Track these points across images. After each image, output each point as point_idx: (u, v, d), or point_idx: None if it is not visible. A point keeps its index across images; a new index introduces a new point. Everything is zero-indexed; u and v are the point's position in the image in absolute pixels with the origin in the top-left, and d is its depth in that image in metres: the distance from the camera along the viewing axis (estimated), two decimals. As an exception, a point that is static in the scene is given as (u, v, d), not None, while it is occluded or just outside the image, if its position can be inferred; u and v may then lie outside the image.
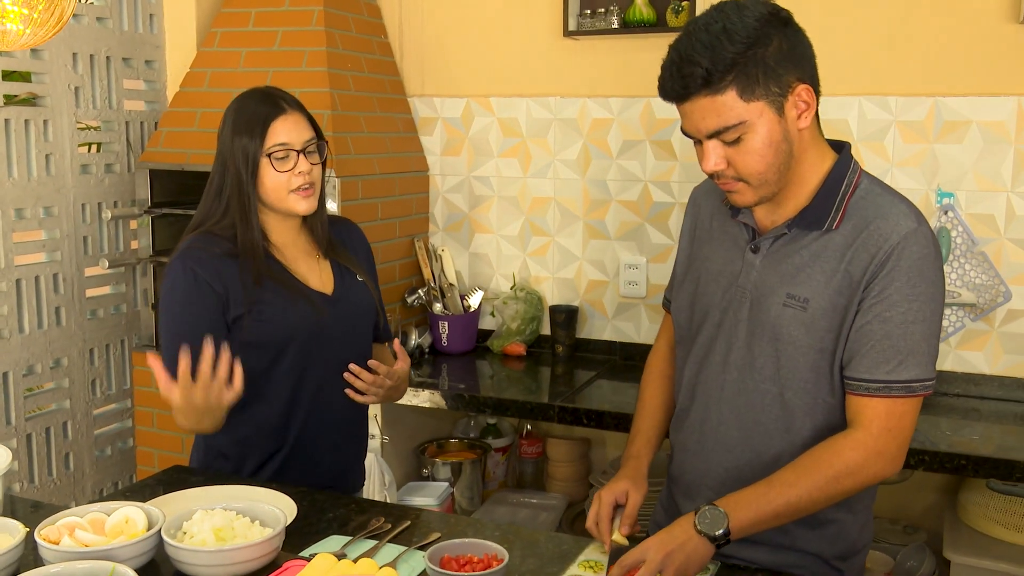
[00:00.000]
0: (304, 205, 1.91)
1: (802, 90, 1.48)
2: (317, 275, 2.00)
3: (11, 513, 1.68)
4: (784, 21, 1.48)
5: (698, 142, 1.52)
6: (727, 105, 1.44)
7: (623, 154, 3.10)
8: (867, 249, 1.49)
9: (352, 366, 1.93)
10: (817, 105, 1.53)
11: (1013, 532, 2.43)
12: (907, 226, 1.48)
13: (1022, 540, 2.42)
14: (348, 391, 1.96)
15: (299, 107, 1.94)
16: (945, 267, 2.69)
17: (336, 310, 1.98)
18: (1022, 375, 2.71)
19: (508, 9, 3.19)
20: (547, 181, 3.22)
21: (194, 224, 1.96)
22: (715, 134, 1.47)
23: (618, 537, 1.61)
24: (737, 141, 1.47)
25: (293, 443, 1.98)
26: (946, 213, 2.71)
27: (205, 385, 1.69)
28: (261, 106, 1.89)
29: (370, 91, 3.14)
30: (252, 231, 1.91)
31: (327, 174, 2.75)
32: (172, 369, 1.83)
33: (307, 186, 1.90)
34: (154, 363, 1.71)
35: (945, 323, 2.74)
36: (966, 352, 2.76)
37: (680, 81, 1.45)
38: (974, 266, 2.70)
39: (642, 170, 3.08)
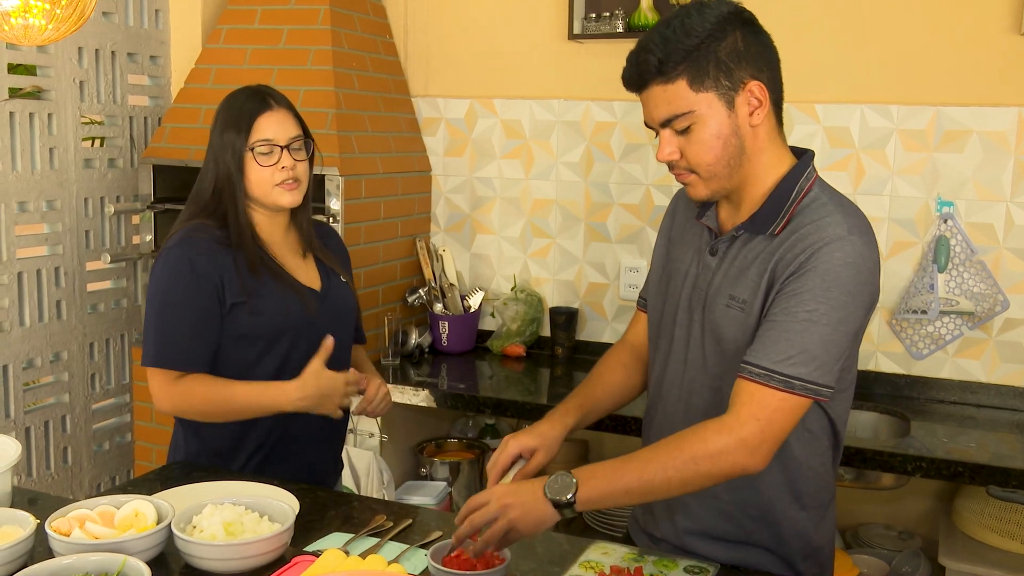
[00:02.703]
0: (287, 198, 1.94)
1: (754, 86, 1.51)
2: (304, 271, 2.04)
3: (8, 506, 1.68)
4: (744, 21, 1.52)
5: (657, 133, 1.57)
6: (678, 94, 1.50)
7: (625, 157, 3.12)
8: (792, 251, 1.50)
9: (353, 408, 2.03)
10: (777, 107, 1.55)
11: (1008, 539, 2.45)
12: (834, 234, 1.48)
13: (1017, 547, 2.44)
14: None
15: (287, 105, 1.97)
16: (943, 275, 2.73)
17: (324, 306, 2.02)
18: (1019, 383, 2.73)
19: (513, 11, 3.21)
20: (549, 183, 3.23)
21: (185, 216, 1.99)
22: (667, 123, 1.53)
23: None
24: (687, 131, 1.52)
25: (277, 434, 2.00)
26: (945, 222, 2.74)
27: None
28: (248, 102, 1.94)
29: (374, 90, 3.15)
30: (242, 222, 1.94)
31: (334, 172, 2.81)
32: (166, 355, 1.90)
33: (291, 180, 1.93)
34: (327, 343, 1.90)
35: (943, 331, 2.76)
36: (963, 360, 2.78)
37: (636, 69, 1.52)
38: (972, 275, 2.72)
39: (644, 173, 3.10)
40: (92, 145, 3.13)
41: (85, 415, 3.08)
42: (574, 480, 1.46)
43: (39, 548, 1.49)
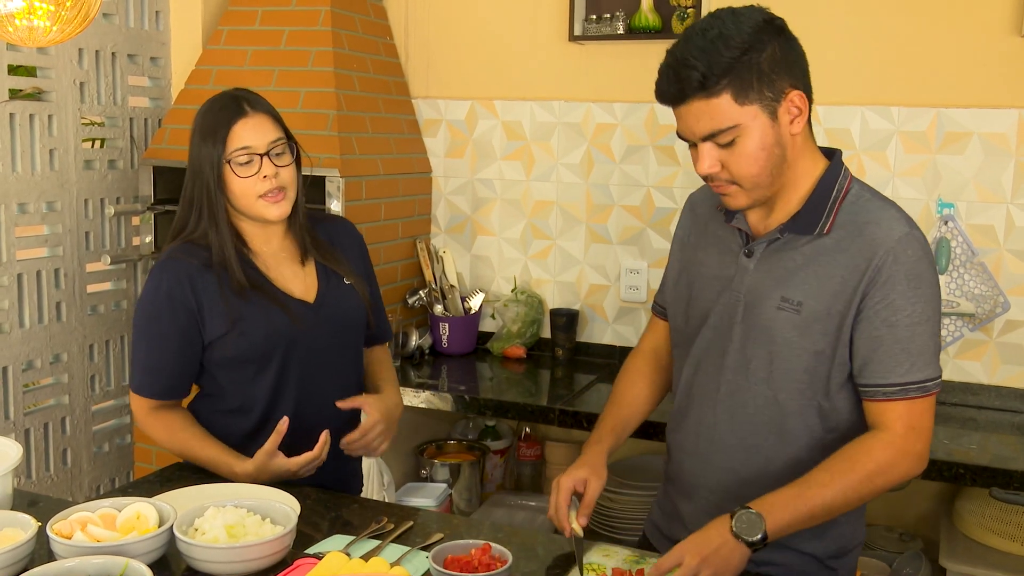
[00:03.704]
0: (275, 211, 1.86)
1: (795, 96, 1.51)
2: (301, 281, 1.96)
3: (9, 508, 1.67)
4: (778, 29, 1.51)
5: (693, 145, 1.55)
6: (721, 108, 1.47)
7: (626, 159, 3.11)
8: (862, 254, 1.52)
9: (344, 440, 1.95)
10: (809, 112, 1.55)
11: (1008, 541, 2.45)
12: (900, 230, 1.52)
13: (1018, 549, 2.44)
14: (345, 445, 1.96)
15: (264, 108, 1.88)
16: (944, 277, 2.73)
17: (318, 317, 1.93)
18: (1020, 385, 2.73)
19: (514, 13, 3.20)
20: (550, 184, 3.23)
21: (173, 232, 1.93)
22: (709, 137, 1.50)
23: (576, 527, 1.63)
24: (731, 144, 1.50)
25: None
26: (946, 223, 2.74)
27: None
28: (223, 110, 1.84)
29: (375, 92, 3.14)
30: (224, 242, 1.86)
31: (335, 174, 2.80)
32: (141, 383, 1.90)
33: (275, 190, 1.84)
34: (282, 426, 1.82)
35: (944, 332, 2.76)
36: (964, 362, 2.78)
37: (676, 84, 1.48)
38: (973, 276, 2.72)
39: (645, 175, 3.10)
40: (92, 146, 3.12)
41: (85, 417, 3.08)
42: (760, 515, 1.47)
43: (40, 551, 1.49)
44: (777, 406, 1.60)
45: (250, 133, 1.83)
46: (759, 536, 1.46)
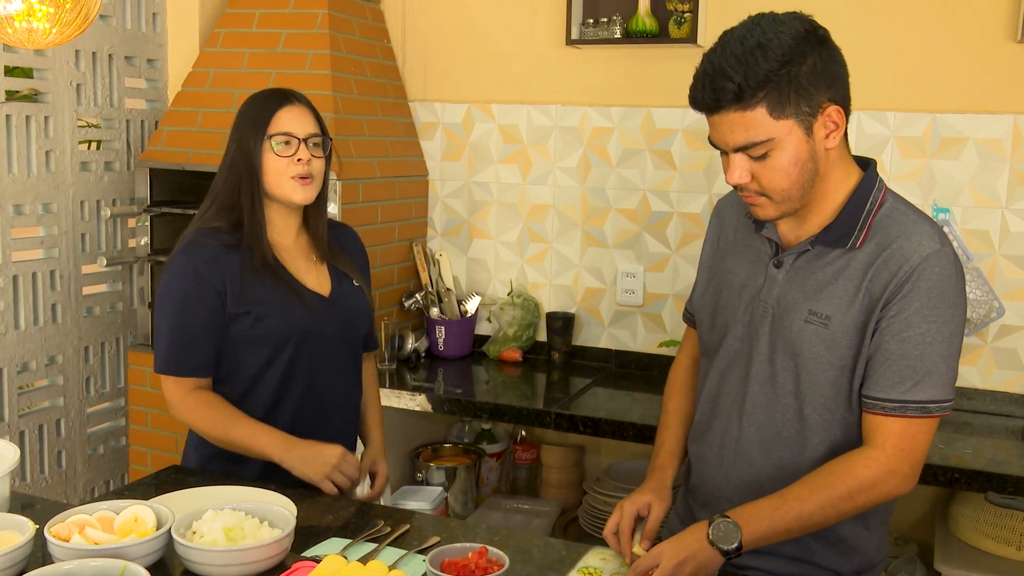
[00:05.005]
0: (300, 194, 1.93)
1: (832, 111, 1.48)
2: (315, 277, 2.03)
3: (6, 511, 1.67)
4: (820, 39, 1.47)
5: (724, 153, 1.53)
6: (756, 122, 1.44)
7: (623, 163, 3.12)
8: (888, 268, 1.49)
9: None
10: (847, 124, 1.53)
11: (1003, 545, 2.46)
12: (929, 247, 1.48)
13: (1012, 553, 2.45)
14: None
15: (307, 103, 1.99)
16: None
17: (331, 311, 2.01)
18: (1014, 390, 2.74)
19: (511, 16, 3.21)
20: (546, 188, 3.23)
21: (200, 214, 2.00)
22: (742, 148, 1.48)
23: (638, 550, 1.62)
24: (763, 157, 1.47)
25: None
26: (942, 228, 2.74)
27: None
28: (269, 99, 1.95)
29: (372, 95, 3.15)
30: (257, 218, 1.93)
31: (331, 176, 2.80)
32: (173, 361, 1.91)
33: (306, 175, 1.93)
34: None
35: (939, 337, 2.77)
36: (959, 366, 2.77)
37: (712, 94, 1.45)
38: (968, 281, 2.73)
39: (641, 179, 3.10)
40: (89, 148, 3.12)
41: (80, 419, 3.07)
42: (737, 525, 1.47)
43: (37, 554, 1.49)
44: (802, 419, 1.58)
45: (292, 120, 1.93)
46: (735, 545, 1.47)
